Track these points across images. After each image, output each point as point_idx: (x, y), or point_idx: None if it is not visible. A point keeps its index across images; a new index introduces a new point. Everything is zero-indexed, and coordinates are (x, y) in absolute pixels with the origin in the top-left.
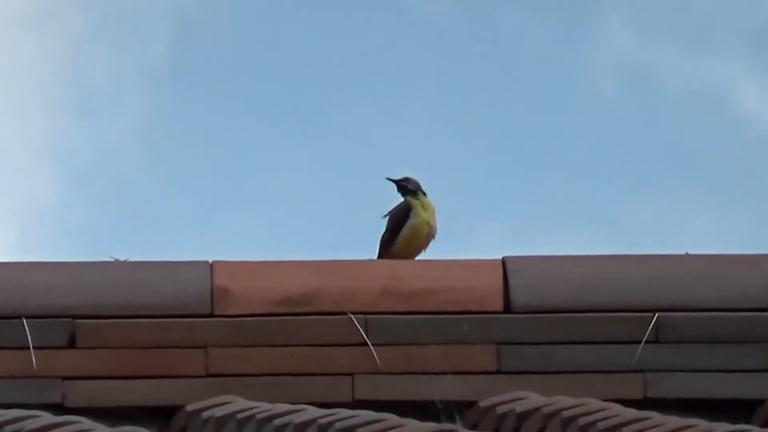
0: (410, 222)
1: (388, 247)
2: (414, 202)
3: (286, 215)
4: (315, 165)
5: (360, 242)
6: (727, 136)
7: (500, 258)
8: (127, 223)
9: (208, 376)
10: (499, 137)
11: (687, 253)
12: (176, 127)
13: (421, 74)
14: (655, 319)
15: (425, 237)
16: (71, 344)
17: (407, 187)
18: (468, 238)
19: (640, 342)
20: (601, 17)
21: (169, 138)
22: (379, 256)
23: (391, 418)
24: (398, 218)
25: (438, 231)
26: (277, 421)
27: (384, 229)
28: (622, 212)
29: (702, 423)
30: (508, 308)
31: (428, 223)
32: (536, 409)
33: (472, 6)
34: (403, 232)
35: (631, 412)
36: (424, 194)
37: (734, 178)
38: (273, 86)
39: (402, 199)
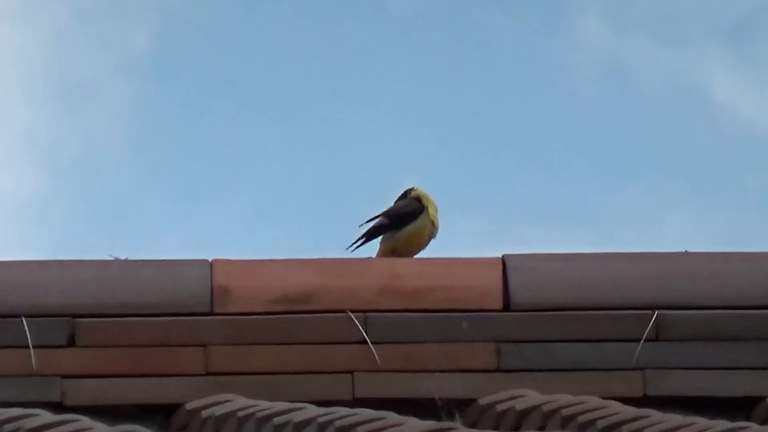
0: (418, 222)
1: (381, 231)
2: (426, 203)
3: (270, 211)
4: (296, 160)
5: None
6: (704, 131)
7: (500, 256)
8: (109, 216)
9: (207, 374)
10: (475, 134)
11: (686, 251)
12: (160, 121)
13: (398, 71)
14: (654, 316)
15: (427, 237)
16: (71, 343)
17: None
18: (444, 235)
19: (640, 340)
20: (576, 13)
21: (152, 131)
22: (367, 239)
23: (391, 416)
24: (406, 213)
25: (439, 230)
26: (276, 420)
27: (384, 215)
28: (600, 208)
29: (701, 420)
30: (507, 306)
31: (432, 223)
32: (536, 407)
33: (448, 2)
34: (407, 229)
35: (630, 410)
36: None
37: (712, 173)
38: (257, 80)
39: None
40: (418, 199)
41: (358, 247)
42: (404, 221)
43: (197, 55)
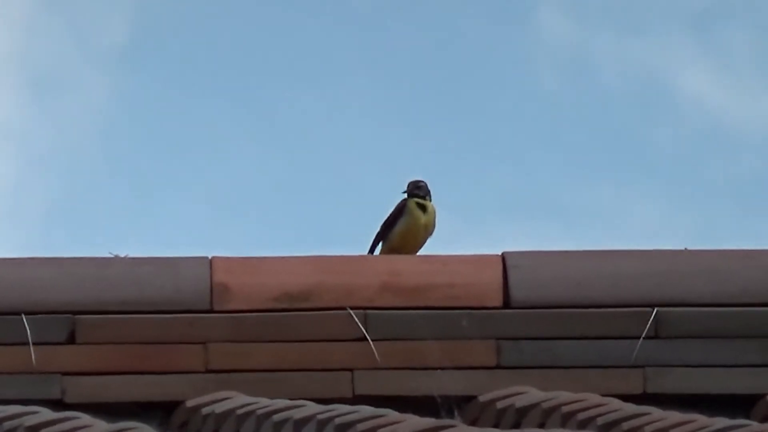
0: (403, 219)
1: (378, 242)
2: (411, 203)
3: (243, 203)
4: (266, 153)
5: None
6: (670, 122)
7: (500, 253)
8: (82, 207)
9: (207, 371)
10: (441, 128)
11: (686, 249)
12: (134, 112)
13: (363, 65)
14: (654, 314)
15: (419, 235)
16: (71, 340)
17: (416, 194)
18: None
19: (640, 337)
20: (539, 5)
21: (126, 122)
22: (369, 251)
23: (391, 414)
24: (391, 217)
25: (435, 230)
26: (276, 417)
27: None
28: (568, 201)
29: (701, 418)
30: (507, 303)
31: (424, 223)
32: (536, 404)
33: None
34: (395, 230)
35: (630, 407)
36: (429, 197)
37: (679, 165)
38: (232, 71)
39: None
40: (404, 201)
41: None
42: (393, 221)
43: (171, 46)
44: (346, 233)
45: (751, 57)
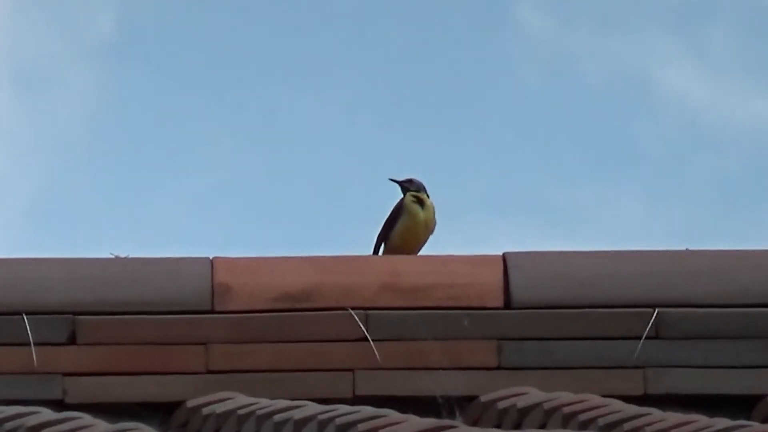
0: (403, 219)
1: (381, 243)
2: (408, 200)
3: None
4: (243, 146)
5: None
6: (651, 119)
7: (501, 253)
8: (67, 201)
9: (208, 372)
10: (421, 125)
11: (687, 249)
12: (122, 108)
13: (342, 61)
14: (655, 314)
15: (420, 234)
16: (72, 340)
17: (409, 188)
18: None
19: (641, 338)
20: (517, 2)
21: (114, 118)
22: (373, 253)
23: (392, 414)
24: (391, 217)
25: (436, 226)
26: (277, 417)
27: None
28: (550, 199)
29: (702, 419)
30: (508, 304)
31: (424, 220)
32: (537, 405)
33: None
34: (396, 228)
35: (631, 408)
36: (426, 194)
37: (662, 162)
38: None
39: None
40: (402, 200)
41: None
42: (393, 222)
43: (160, 40)
44: (346, 233)
45: (732, 53)
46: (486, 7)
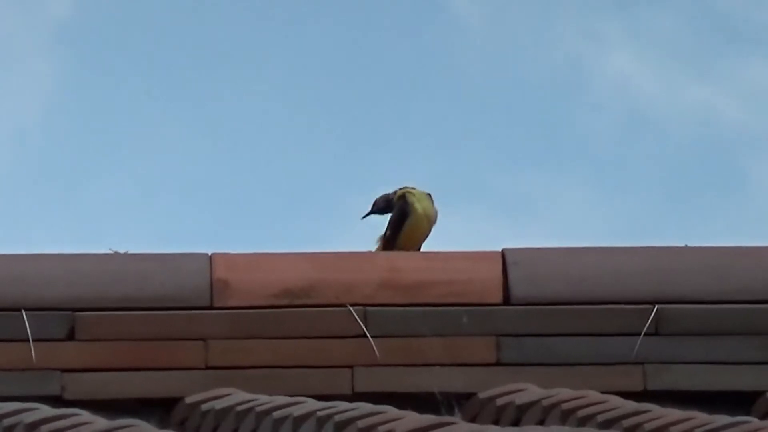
0: (409, 220)
1: (389, 246)
2: (408, 197)
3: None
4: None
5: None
6: (595, 108)
7: (500, 250)
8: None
9: (207, 368)
10: (364, 116)
11: (686, 246)
12: (77, 92)
13: (280, 52)
14: (654, 311)
15: (425, 228)
16: (70, 337)
17: (379, 205)
18: (340, 217)
19: (640, 334)
20: None
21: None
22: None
23: (391, 411)
24: (397, 218)
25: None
26: (276, 414)
27: (384, 228)
28: (496, 189)
29: (701, 415)
30: (507, 300)
31: (426, 214)
32: (536, 402)
33: None
34: (403, 230)
35: (630, 405)
36: (411, 190)
37: (605, 150)
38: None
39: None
40: (403, 198)
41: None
42: (400, 223)
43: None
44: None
45: (676, 39)
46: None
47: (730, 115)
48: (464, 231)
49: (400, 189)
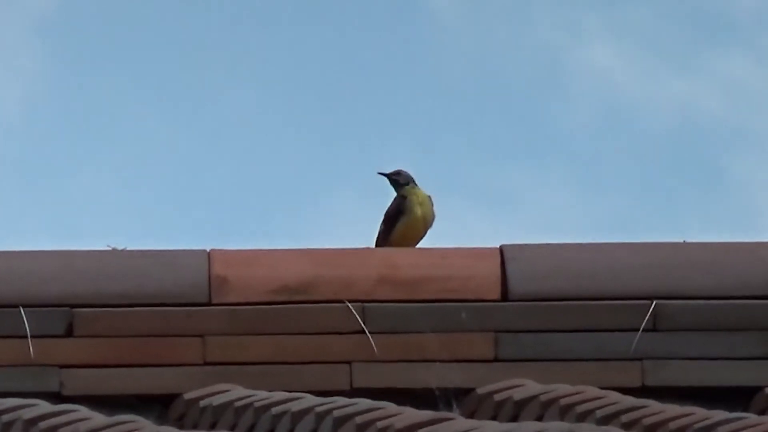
0: (403, 219)
1: (382, 243)
2: (409, 196)
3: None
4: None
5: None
6: (572, 101)
7: (498, 246)
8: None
9: (205, 364)
10: (346, 115)
11: (684, 241)
12: (58, 86)
13: (273, 53)
14: (652, 307)
15: (420, 230)
16: (69, 333)
17: (398, 181)
18: (316, 210)
19: (638, 330)
20: None
21: (50, 96)
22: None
23: (389, 406)
24: (392, 215)
25: (435, 219)
26: (274, 410)
27: (379, 225)
28: (476, 181)
29: (699, 411)
30: (505, 296)
31: (423, 217)
32: (534, 397)
33: None
34: (396, 228)
35: (628, 400)
36: (416, 185)
37: (584, 144)
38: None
39: (395, 192)
40: (405, 196)
41: None
42: (393, 222)
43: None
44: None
45: (655, 33)
46: None
47: (709, 109)
48: (446, 225)
49: (411, 186)
